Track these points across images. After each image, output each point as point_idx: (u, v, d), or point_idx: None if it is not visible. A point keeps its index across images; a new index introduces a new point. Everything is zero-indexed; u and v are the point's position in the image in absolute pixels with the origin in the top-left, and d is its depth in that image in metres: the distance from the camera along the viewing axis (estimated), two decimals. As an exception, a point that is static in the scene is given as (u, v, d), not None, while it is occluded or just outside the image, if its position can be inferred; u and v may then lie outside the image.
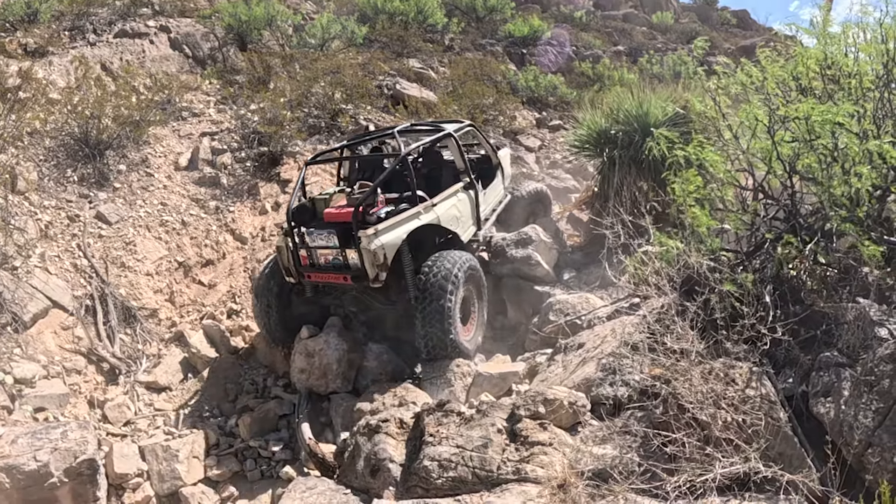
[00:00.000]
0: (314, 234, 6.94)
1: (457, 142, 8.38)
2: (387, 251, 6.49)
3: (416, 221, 6.95)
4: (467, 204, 8.29)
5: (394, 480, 4.81)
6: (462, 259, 6.89)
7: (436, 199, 7.44)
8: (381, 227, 6.52)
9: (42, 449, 4.96)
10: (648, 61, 20.51)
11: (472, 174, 8.51)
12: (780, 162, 4.97)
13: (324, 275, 6.98)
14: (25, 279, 7.10)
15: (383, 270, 6.52)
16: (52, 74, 10.52)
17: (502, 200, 10.08)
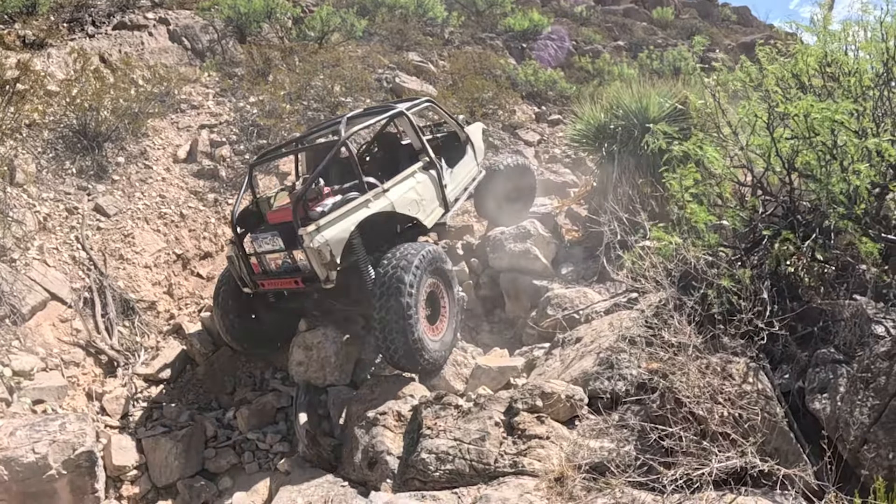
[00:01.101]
0: (259, 238, 6.53)
1: (410, 119, 7.76)
2: (332, 247, 5.94)
3: (365, 210, 6.34)
4: (429, 185, 7.65)
5: (391, 473, 4.84)
6: (424, 249, 6.22)
7: (388, 184, 6.83)
8: (322, 222, 5.97)
9: (40, 441, 4.96)
10: (648, 57, 20.49)
11: (431, 152, 7.85)
12: (778, 159, 4.99)
13: (277, 281, 6.53)
14: (24, 271, 7.09)
15: (332, 269, 5.98)
16: (51, 66, 10.48)
17: (476, 177, 9.43)
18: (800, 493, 3.69)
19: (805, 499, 3.70)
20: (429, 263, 6.17)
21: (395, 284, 5.80)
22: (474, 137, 9.57)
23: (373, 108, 8.77)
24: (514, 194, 9.82)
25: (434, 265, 6.31)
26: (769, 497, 3.68)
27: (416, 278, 5.92)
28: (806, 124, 4.75)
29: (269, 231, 6.46)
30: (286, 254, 6.32)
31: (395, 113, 7.71)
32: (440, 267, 6.46)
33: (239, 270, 6.72)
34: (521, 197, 9.98)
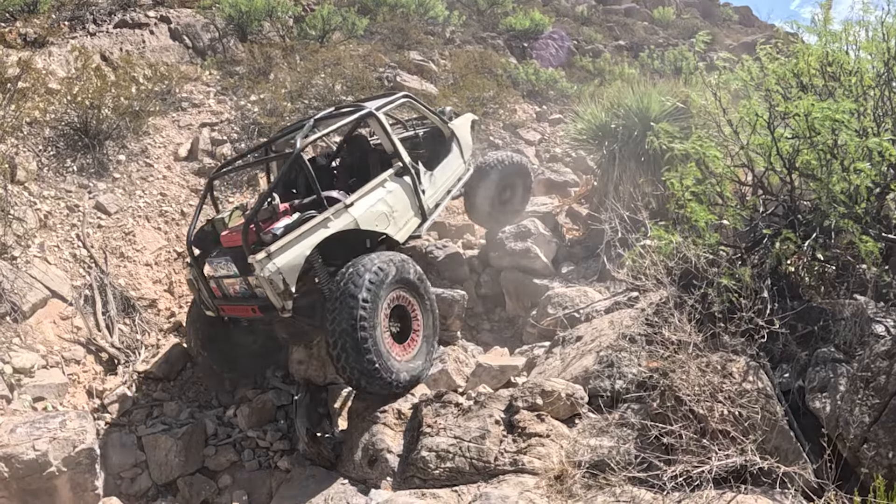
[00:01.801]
0: (214, 262, 6.07)
1: (380, 120, 7.03)
2: (286, 276, 5.42)
3: (324, 231, 5.77)
4: (402, 194, 6.93)
5: (391, 471, 4.85)
6: (381, 261, 5.59)
7: (351, 198, 6.19)
8: (273, 248, 5.41)
9: (41, 438, 4.97)
10: (649, 56, 20.49)
11: (405, 156, 7.11)
12: (779, 158, 5.00)
13: (236, 307, 6.09)
14: (25, 269, 7.09)
15: (287, 298, 5.47)
16: (52, 64, 10.48)
17: (462, 177, 8.69)
18: (799, 492, 3.70)
19: (805, 497, 3.71)
20: (389, 276, 5.56)
21: (346, 302, 5.23)
22: (461, 132, 8.88)
23: (343, 107, 7.91)
24: (507, 194, 9.32)
25: (398, 276, 5.70)
26: (769, 495, 3.68)
27: (371, 293, 5.32)
28: (807, 124, 4.75)
29: (223, 255, 5.97)
30: (242, 280, 5.86)
31: (363, 114, 7.03)
32: (406, 278, 5.82)
33: (199, 294, 6.38)
34: (516, 197, 9.47)
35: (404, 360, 5.63)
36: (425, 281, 6.10)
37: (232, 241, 5.88)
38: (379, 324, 5.38)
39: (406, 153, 7.18)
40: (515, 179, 9.31)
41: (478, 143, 13.13)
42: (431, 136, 8.85)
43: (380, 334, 5.36)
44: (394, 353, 5.53)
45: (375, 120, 7.01)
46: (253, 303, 5.82)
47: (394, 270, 5.63)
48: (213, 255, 6.13)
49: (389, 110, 7.56)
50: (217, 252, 6.13)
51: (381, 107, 7.26)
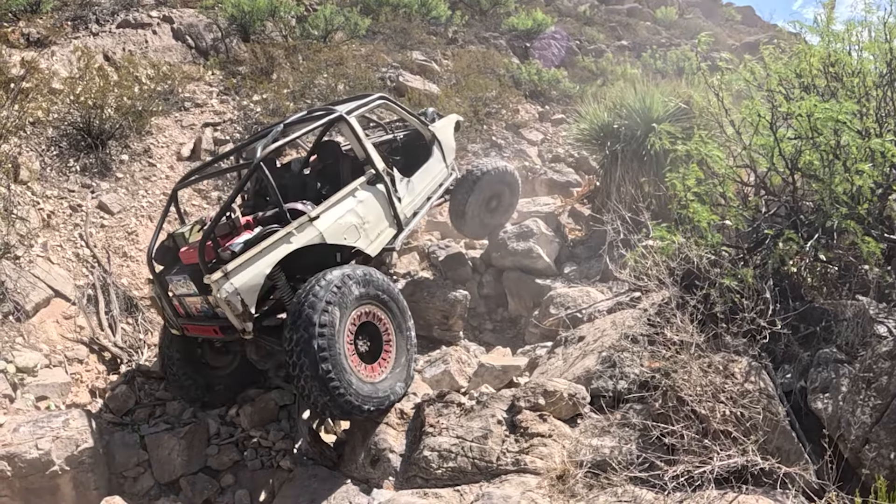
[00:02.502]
0: (173, 279, 5.76)
1: (350, 125, 6.58)
2: (244, 296, 5.10)
3: (286, 247, 5.42)
4: (374, 203, 6.51)
5: (394, 470, 4.86)
6: (342, 275, 5.22)
7: (317, 210, 5.83)
8: (231, 267, 5.10)
9: (44, 437, 4.99)
10: (652, 56, 20.48)
11: (378, 162, 6.70)
12: (781, 158, 5.00)
13: (199, 326, 5.77)
14: (28, 268, 7.12)
15: (247, 320, 5.18)
16: (55, 64, 10.51)
17: (443, 182, 8.27)
18: (800, 492, 3.70)
19: (806, 498, 3.71)
20: (350, 294, 5.17)
21: (303, 329, 4.86)
22: (443, 135, 8.46)
23: (315, 110, 7.34)
24: (493, 203, 8.99)
25: (362, 292, 5.31)
26: (770, 496, 3.68)
27: (330, 316, 4.93)
28: (809, 124, 4.76)
29: (182, 273, 5.65)
30: (202, 298, 5.50)
31: (332, 119, 6.60)
32: (374, 293, 5.43)
33: (163, 312, 6.06)
34: (502, 206, 9.14)
35: (376, 381, 5.24)
36: (393, 292, 5.69)
37: (190, 257, 5.58)
38: (342, 348, 4.99)
39: (379, 159, 6.79)
40: (503, 188, 8.96)
41: (480, 144, 13.15)
42: (411, 140, 8.52)
43: (344, 358, 4.97)
44: (363, 376, 5.14)
45: (346, 124, 6.59)
46: (214, 323, 5.54)
47: (355, 286, 5.25)
48: (173, 273, 5.82)
49: (363, 113, 7.21)
50: (177, 269, 5.82)
51: (353, 110, 6.87)
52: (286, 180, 7.18)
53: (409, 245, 9.77)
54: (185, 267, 5.66)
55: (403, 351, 5.63)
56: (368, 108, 7.25)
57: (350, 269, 5.38)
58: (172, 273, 5.81)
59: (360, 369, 5.17)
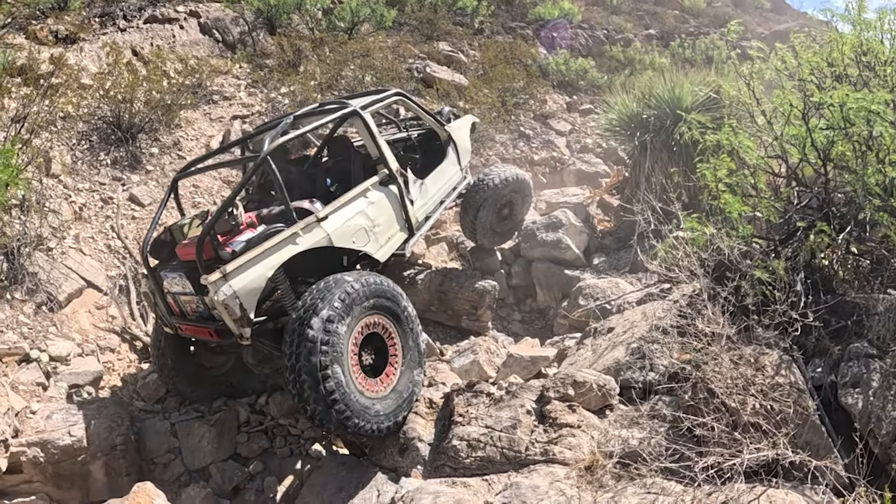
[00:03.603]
0: (168, 276, 5.42)
1: (365, 121, 6.25)
2: (243, 300, 4.77)
3: (291, 248, 5.09)
4: (386, 205, 6.20)
5: (422, 459, 4.86)
6: (347, 285, 4.84)
7: (325, 210, 5.51)
8: (230, 268, 4.76)
9: (76, 424, 5.05)
10: (680, 45, 20.27)
11: (392, 162, 6.39)
12: (813, 149, 4.92)
13: (193, 327, 5.44)
14: (60, 260, 7.21)
15: (246, 325, 4.84)
16: (84, 60, 10.61)
17: (457, 186, 8.00)
18: (830, 488, 3.64)
19: (835, 494, 3.66)
20: (355, 304, 4.82)
21: (303, 336, 4.54)
22: (458, 136, 8.11)
23: (327, 104, 6.96)
24: (506, 211, 8.79)
25: (369, 302, 4.96)
26: (799, 490, 3.65)
27: (335, 324, 4.62)
28: (841, 114, 4.68)
29: (178, 270, 5.33)
30: (198, 299, 5.17)
31: (345, 114, 6.23)
32: (382, 303, 5.08)
33: (156, 308, 5.78)
34: (514, 214, 8.96)
35: (379, 397, 4.91)
36: (403, 302, 5.30)
37: (188, 254, 5.24)
38: (345, 362, 4.68)
39: (393, 159, 6.45)
40: (515, 196, 8.72)
41: (508, 134, 13.09)
42: (426, 140, 8.18)
43: (347, 374, 4.66)
44: (366, 392, 4.82)
45: (360, 120, 6.25)
46: (210, 325, 5.20)
47: (362, 296, 4.89)
48: (168, 269, 5.49)
49: (377, 109, 6.79)
50: (172, 265, 5.53)
51: (368, 105, 6.47)
52: (293, 175, 6.97)
53: (438, 235, 9.76)
54: (182, 264, 5.37)
55: (411, 362, 5.26)
56: (384, 104, 6.91)
57: (358, 277, 5.01)
58: (168, 270, 5.48)
59: (363, 384, 4.83)
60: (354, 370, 4.79)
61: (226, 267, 4.75)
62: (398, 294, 5.28)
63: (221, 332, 5.09)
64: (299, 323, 4.62)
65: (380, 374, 5.06)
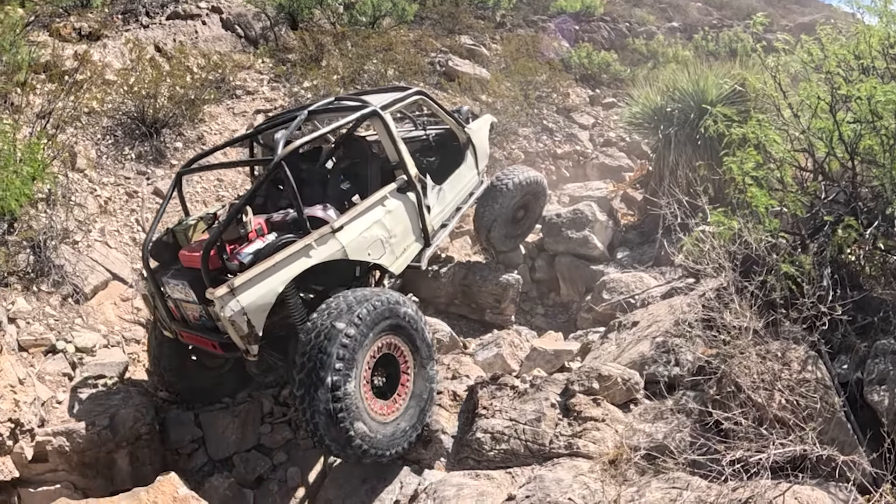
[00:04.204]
0: (170, 282, 5.08)
1: (385, 123, 5.90)
2: (251, 317, 4.46)
3: (304, 261, 4.79)
4: (403, 214, 5.91)
5: (445, 452, 4.86)
6: (367, 303, 4.53)
7: (340, 220, 5.19)
8: (238, 283, 4.43)
9: (102, 415, 5.10)
10: (703, 38, 20.10)
11: (412, 167, 6.06)
12: (840, 143, 4.85)
13: (196, 337, 5.13)
14: (86, 253, 7.29)
15: (253, 342, 4.55)
16: (107, 57, 10.71)
17: (474, 191, 7.73)
18: (855, 485, 3.59)
19: (860, 491, 3.61)
20: (373, 326, 4.52)
21: (316, 358, 4.26)
22: (477, 137, 7.80)
23: (343, 99, 6.60)
24: (520, 214, 8.61)
25: (386, 324, 4.64)
26: (824, 487, 3.62)
27: (349, 347, 4.32)
28: (869, 108, 4.61)
29: (181, 277, 5.01)
30: (202, 308, 4.90)
31: (365, 114, 5.86)
32: (398, 324, 4.74)
33: (155, 311, 5.45)
34: (528, 217, 8.80)
35: (389, 421, 4.65)
36: (419, 323, 4.93)
37: (191, 261, 4.97)
38: (358, 386, 4.42)
39: (412, 164, 6.11)
40: (530, 199, 8.54)
41: (531, 128, 13.03)
42: (443, 140, 7.80)
43: (359, 399, 4.41)
44: (375, 414, 4.56)
45: (380, 121, 5.91)
46: (214, 337, 4.89)
47: (379, 318, 4.57)
48: (170, 274, 5.16)
49: (398, 109, 6.49)
50: (174, 271, 5.20)
51: (388, 105, 6.14)
52: (305, 173, 6.65)
53: (461, 229, 9.74)
54: (185, 271, 5.06)
55: (422, 385, 4.94)
56: (404, 104, 6.58)
57: (377, 296, 4.68)
58: (169, 275, 5.14)
59: (374, 407, 4.58)
60: (366, 393, 4.53)
61: (233, 281, 4.45)
62: (416, 315, 4.92)
63: (226, 346, 4.80)
64: (313, 341, 4.33)
65: (391, 396, 4.79)
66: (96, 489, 4.97)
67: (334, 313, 4.43)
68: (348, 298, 4.57)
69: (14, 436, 4.58)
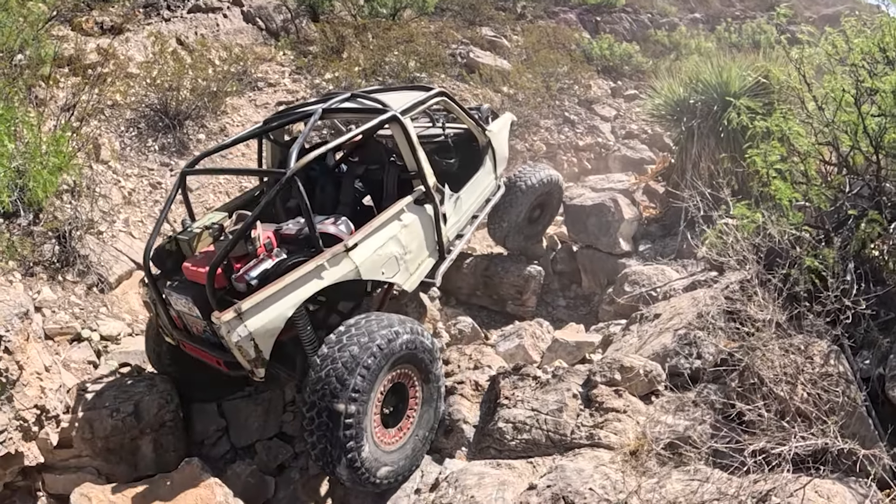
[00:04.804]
0: (173, 295, 4.82)
1: (404, 129, 5.52)
2: (259, 341, 4.24)
3: (316, 283, 4.51)
4: (419, 228, 5.57)
5: (467, 441, 4.88)
6: (389, 332, 4.34)
7: (354, 238, 4.86)
8: (246, 307, 4.17)
9: (126, 401, 5.15)
10: (726, 29, 19.94)
11: (431, 177, 5.72)
12: (865, 136, 4.79)
13: (199, 350, 4.89)
14: (110, 243, 7.37)
15: (259, 366, 4.33)
16: (130, 50, 10.80)
17: (490, 198, 7.38)
18: (875, 480, 3.57)
19: (880, 487, 3.60)
20: (390, 356, 4.33)
21: (332, 389, 4.08)
22: (497, 140, 7.38)
23: (360, 95, 6.13)
24: (536, 213, 8.47)
25: (404, 355, 4.46)
26: (844, 482, 3.60)
27: (365, 379, 4.15)
28: (894, 101, 4.55)
29: (184, 292, 4.74)
30: (206, 323, 4.59)
31: (384, 119, 5.42)
32: (413, 354, 4.55)
33: (157, 318, 5.19)
34: (545, 216, 8.68)
35: (391, 450, 4.53)
36: (435, 353, 4.77)
37: (196, 276, 4.70)
38: (369, 417, 4.28)
39: (431, 173, 5.77)
40: (547, 198, 8.37)
41: (552, 119, 12.99)
42: (463, 141, 7.30)
43: (368, 429, 4.28)
44: (381, 444, 4.45)
45: (399, 127, 5.52)
46: (219, 354, 4.66)
47: (398, 348, 4.38)
48: (173, 286, 4.90)
49: (419, 112, 6.11)
50: (178, 283, 4.93)
51: (409, 109, 5.75)
52: (317, 173, 6.42)
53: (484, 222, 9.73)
54: (189, 285, 4.80)
55: (427, 413, 4.83)
56: (425, 107, 6.20)
57: (399, 325, 4.47)
58: (172, 287, 4.87)
59: (381, 437, 4.47)
60: (375, 423, 4.41)
61: (241, 305, 4.17)
62: (432, 345, 4.74)
63: (231, 365, 4.62)
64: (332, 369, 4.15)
65: (397, 424, 4.68)
66: (120, 475, 5.02)
67: (354, 341, 4.25)
68: (371, 325, 4.39)
69: (40, 422, 4.63)
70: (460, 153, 7.16)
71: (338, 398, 4.05)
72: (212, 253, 4.80)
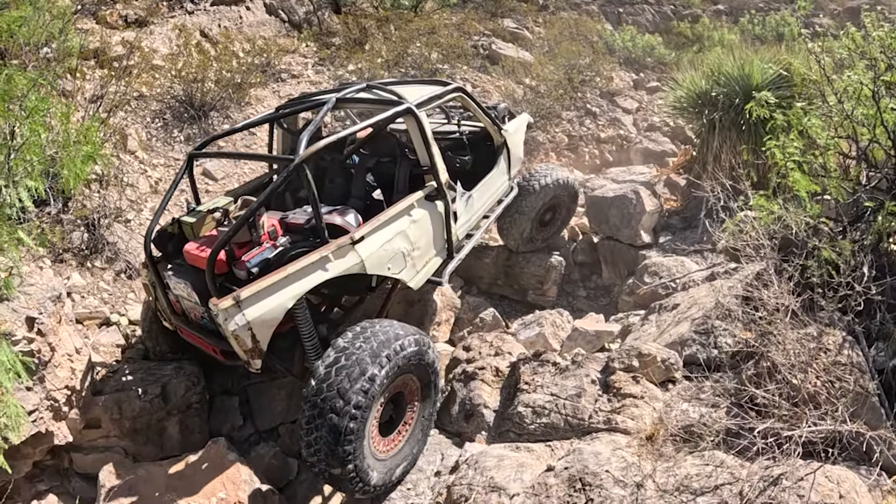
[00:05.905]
0: (172, 279, 4.73)
1: (419, 122, 5.40)
2: (257, 332, 4.12)
3: (319, 275, 4.40)
4: (428, 225, 5.47)
5: (487, 425, 4.97)
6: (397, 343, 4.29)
7: (361, 230, 4.74)
8: (245, 295, 4.05)
9: (154, 384, 5.26)
10: (749, 22, 19.77)
11: (443, 174, 5.60)
12: (884, 130, 4.80)
13: (197, 338, 4.81)
14: (138, 231, 7.51)
15: (257, 357, 4.22)
16: (155, 43, 10.94)
17: (503, 199, 7.26)
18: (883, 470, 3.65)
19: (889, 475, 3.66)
20: (396, 366, 4.26)
21: (333, 406, 3.99)
22: (512, 141, 7.24)
23: (375, 87, 5.95)
24: (547, 216, 8.30)
25: (408, 365, 4.41)
26: (855, 469, 3.65)
27: (368, 392, 4.06)
28: (913, 94, 4.56)
29: (183, 276, 4.67)
30: (205, 310, 4.49)
31: (398, 111, 5.29)
32: (416, 367, 4.53)
33: (156, 302, 5.15)
34: (556, 219, 8.49)
35: (386, 458, 4.50)
36: (436, 366, 4.76)
37: (196, 260, 4.62)
38: (369, 426, 4.23)
39: (444, 169, 5.65)
40: (559, 201, 8.20)
41: (574, 111, 12.99)
42: (478, 140, 7.20)
43: (367, 438, 4.24)
44: (377, 451, 4.42)
45: (413, 120, 5.40)
46: (216, 342, 4.58)
47: (402, 361, 4.32)
48: (172, 270, 4.82)
49: (435, 107, 6.06)
50: (177, 266, 4.86)
51: (424, 103, 5.63)
52: (327, 163, 6.36)
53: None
54: (189, 269, 4.72)
55: (423, 422, 4.81)
56: (442, 101, 6.06)
57: (407, 335, 4.41)
58: (172, 272, 4.79)
59: (378, 445, 4.44)
60: (373, 431, 4.38)
61: (240, 293, 4.06)
62: (435, 358, 4.71)
63: (228, 354, 4.53)
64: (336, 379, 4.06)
65: (393, 431, 4.65)
66: (146, 455, 5.14)
67: (358, 353, 4.16)
68: (377, 335, 4.31)
69: (70, 402, 4.77)
70: (475, 151, 7.07)
71: (340, 415, 3.98)
72: (214, 237, 4.74)
